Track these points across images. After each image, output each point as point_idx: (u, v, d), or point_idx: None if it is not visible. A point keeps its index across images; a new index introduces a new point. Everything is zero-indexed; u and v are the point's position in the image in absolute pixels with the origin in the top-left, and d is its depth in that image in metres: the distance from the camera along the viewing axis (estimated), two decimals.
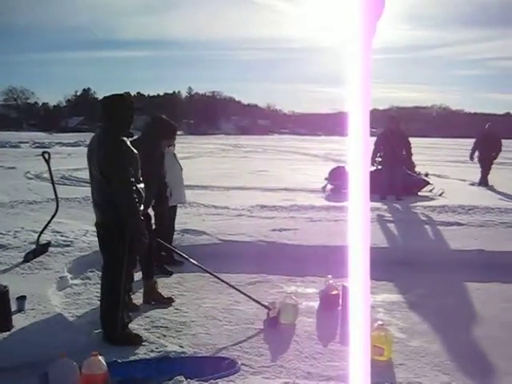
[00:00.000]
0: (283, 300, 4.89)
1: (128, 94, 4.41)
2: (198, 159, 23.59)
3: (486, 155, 14.43)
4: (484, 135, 14.67)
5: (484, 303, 5.43)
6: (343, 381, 3.63)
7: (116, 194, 4.07)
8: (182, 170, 6.75)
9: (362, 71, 0.74)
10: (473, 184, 14.97)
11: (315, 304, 5.27)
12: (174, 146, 6.71)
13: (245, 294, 5.13)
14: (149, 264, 5.32)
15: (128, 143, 4.19)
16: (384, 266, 6.45)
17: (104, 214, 4.22)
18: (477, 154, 14.70)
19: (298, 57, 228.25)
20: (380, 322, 4.28)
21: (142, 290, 5.33)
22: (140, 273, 5.40)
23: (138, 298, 5.28)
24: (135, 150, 4.24)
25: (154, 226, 5.47)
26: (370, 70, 0.75)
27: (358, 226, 0.75)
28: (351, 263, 0.76)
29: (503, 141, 14.56)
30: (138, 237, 4.18)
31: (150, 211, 5.22)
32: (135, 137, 4.81)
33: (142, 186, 4.28)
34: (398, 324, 4.84)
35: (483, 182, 14.52)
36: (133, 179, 4.11)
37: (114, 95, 4.26)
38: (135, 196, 4.09)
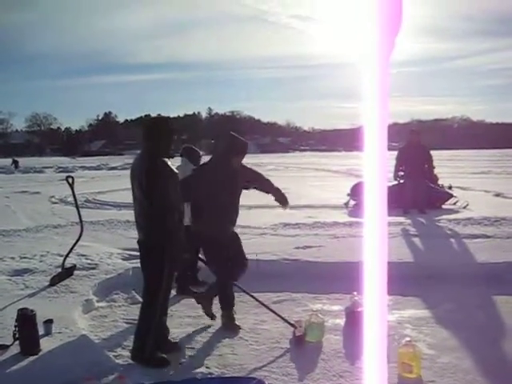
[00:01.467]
0: (309, 318, 4.85)
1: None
2: None
3: None
4: None
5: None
6: None
7: (157, 214, 4.11)
8: None
9: (380, 87, 0.73)
10: (496, 195, 14.71)
11: (341, 321, 5.21)
12: None
13: (274, 312, 5.11)
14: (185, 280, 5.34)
15: (169, 163, 4.26)
16: (410, 280, 6.37)
17: (145, 233, 4.28)
18: None
19: (317, 74, 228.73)
20: (408, 339, 4.21)
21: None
22: None
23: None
24: (176, 170, 4.34)
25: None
26: (388, 86, 0.75)
27: (374, 242, 0.73)
28: (367, 280, 0.74)
29: None
30: (178, 256, 4.24)
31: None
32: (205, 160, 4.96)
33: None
34: (427, 340, 4.76)
35: None
36: (173, 199, 4.17)
37: (156, 117, 4.54)
38: (176, 215, 4.16)
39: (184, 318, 5.36)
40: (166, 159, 4.27)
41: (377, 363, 0.72)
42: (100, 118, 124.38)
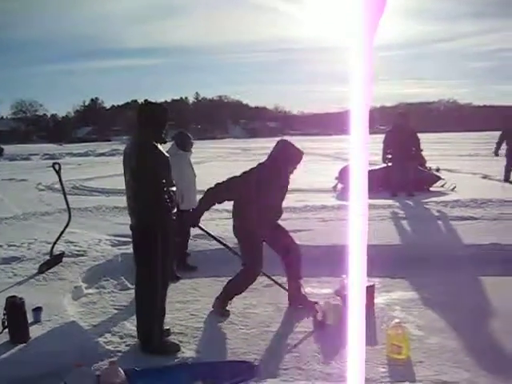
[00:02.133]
0: (327, 301, 4.89)
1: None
2: (208, 164, 23.59)
3: None
4: (510, 126, 13.43)
5: (501, 297, 5.37)
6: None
7: (148, 196, 4.12)
8: (195, 176, 6.76)
9: (363, 69, 0.73)
10: (483, 177, 14.80)
11: None
12: (192, 151, 6.76)
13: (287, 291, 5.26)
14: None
15: (160, 147, 4.26)
16: (399, 263, 6.42)
17: (137, 217, 4.27)
18: (504, 147, 13.45)
19: (305, 57, 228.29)
20: (397, 320, 4.25)
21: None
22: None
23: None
24: (167, 154, 4.34)
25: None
26: (371, 67, 0.74)
27: (355, 225, 0.73)
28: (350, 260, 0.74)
29: None
30: (169, 236, 4.26)
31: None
32: (262, 161, 5.22)
33: (174, 189, 4.35)
34: (416, 321, 4.80)
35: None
36: (164, 181, 4.17)
37: (150, 103, 4.48)
38: (166, 197, 4.16)
39: (174, 303, 5.35)
40: (158, 143, 4.27)
41: (357, 345, 0.72)
42: (86, 103, 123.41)
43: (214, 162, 25.91)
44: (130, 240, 5.26)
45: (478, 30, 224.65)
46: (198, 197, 7.00)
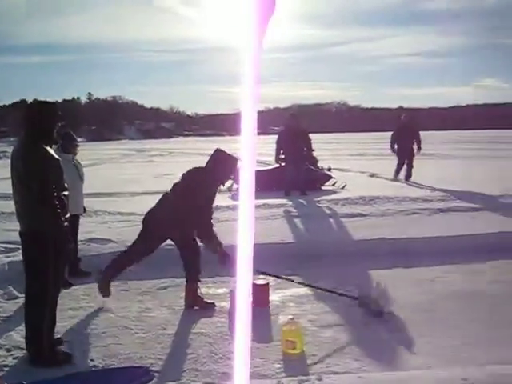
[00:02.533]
0: (376, 287, 5.03)
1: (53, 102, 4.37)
2: (101, 166, 22.96)
3: (405, 147, 13.90)
4: (400, 127, 14.21)
5: (390, 289, 5.64)
6: (258, 378, 3.67)
7: (36, 200, 3.94)
8: (82, 179, 6.46)
9: (250, 71, 0.74)
10: (371, 176, 15.50)
11: (226, 304, 5.29)
12: (76, 153, 6.48)
13: (334, 292, 5.29)
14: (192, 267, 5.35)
15: (49, 150, 4.08)
16: (292, 260, 6.59)
17: (26, 222, 4.08)
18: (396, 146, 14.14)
19: (200, 58, 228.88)
20: (290, 316, 4.37)
21: None
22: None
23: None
24: (57, 156, 4.16)
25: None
26: (258, 69, 0.76)
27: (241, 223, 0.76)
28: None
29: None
30: (61, 242, 4.09)
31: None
32: (197, 166, 5.47)
33: (66, 193, 4.19)
34: (309, 316, 4.95)
35: (408, 175, 13.91)
36: (53, 186, 4.00)
37: (39, 102, 4.26)
38: (56, 202, 3.99)
39: (66, 310, 5.16)
40: (48, 145, 4.10)
41: (244, 343, 0.74)
42: None
43: (108, 163, 25.25)
44: (17, 247, 5.03)
45: (368, 36, 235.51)
46: (86, 200, 6.81)
